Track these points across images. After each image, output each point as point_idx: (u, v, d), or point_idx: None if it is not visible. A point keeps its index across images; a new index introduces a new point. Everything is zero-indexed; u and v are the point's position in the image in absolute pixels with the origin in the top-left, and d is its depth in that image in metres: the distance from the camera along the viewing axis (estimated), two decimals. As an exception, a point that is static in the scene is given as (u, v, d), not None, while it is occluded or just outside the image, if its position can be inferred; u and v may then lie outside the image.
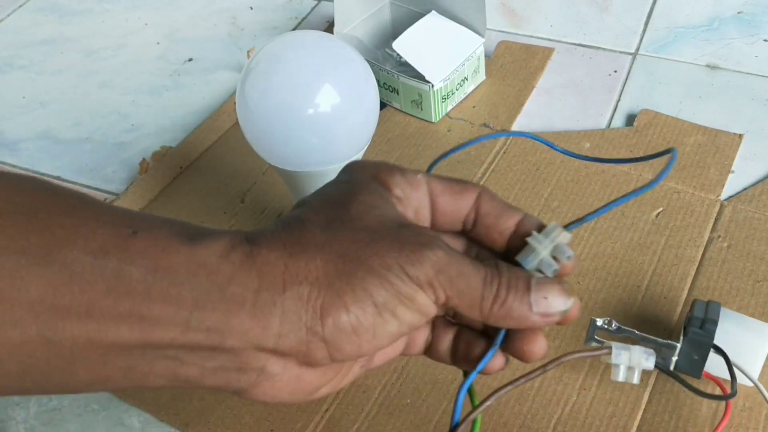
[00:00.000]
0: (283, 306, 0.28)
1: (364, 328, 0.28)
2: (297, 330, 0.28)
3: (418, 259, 0.29)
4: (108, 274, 0.26)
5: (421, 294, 0.29)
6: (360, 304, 0.28)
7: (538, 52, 0.76)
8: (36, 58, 0.85)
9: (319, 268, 0.28)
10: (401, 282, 0.28)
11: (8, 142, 0.75)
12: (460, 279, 0.29)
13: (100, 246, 0.26)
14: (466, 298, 0.30)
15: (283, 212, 0.63)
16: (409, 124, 0.69)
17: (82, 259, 0.26)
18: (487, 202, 0.33)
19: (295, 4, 0.89)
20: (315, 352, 0.28)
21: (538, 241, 0.32)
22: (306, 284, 0.28)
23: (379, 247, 0.29)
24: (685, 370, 0.45)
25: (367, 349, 0.29)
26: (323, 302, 0.28)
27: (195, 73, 0.80)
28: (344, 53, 0.46)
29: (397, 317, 0.29)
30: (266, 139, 0.46)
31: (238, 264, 0.28)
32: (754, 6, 0.79)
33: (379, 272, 0.28)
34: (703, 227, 0.58)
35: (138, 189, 0.65)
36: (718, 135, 0.65)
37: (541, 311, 0.30)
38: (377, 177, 0.33)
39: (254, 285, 0.28)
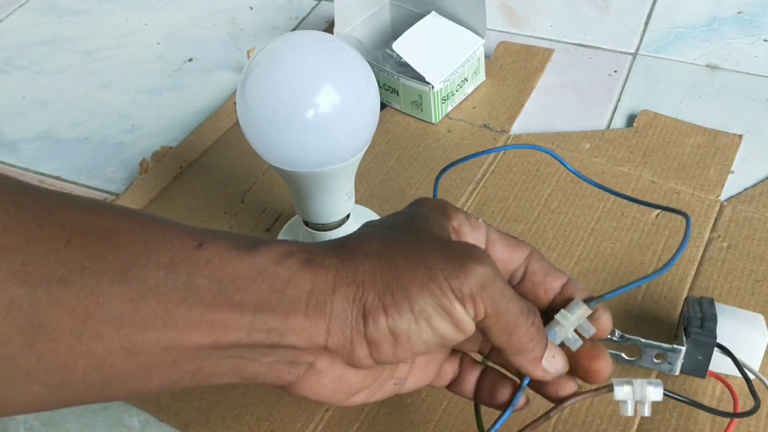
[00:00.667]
0: (332, 306, 0.30)
1: (400, 331, 0.30)
2: (344, 328, 0.30)
3: (464, 273, 0.31)
4: (179, 285, 0.28)
5: (459, 307, 0.31)
6: (398, 308, 0.30)
7: (538, 52, 0.76)
8: (36, 58, 0.85)
9: (366, 272, 0.31)
10: (441, 294, 0.30)
11: (8, 142, 0.75)
12: (502, 299, 0.31)
13: (170, 260, 0.29)
14: (503, 320, 0.32)
15: (284, 212, 0.63)
16: (409, 125, 0.69)
17: (155, 274, 0.28)
18: (536, 261, 0.36)
19: (295, 4, 0.89)
20: (357, 350, 0.31)
21: (565, 318, 0.35)
22: (353, 286, 0.31)
23: (427, 258, 0.31)
24: (690, 371, 0.45)
25: (403, 354, 0.31)
26: (366, 304, 0.30)
27: (195, 73, 0.80)
28: (344, 53, 0.46)
29: (432, 326, 0.31)
30: (266, 139, 0.46)
31: (294, 269, 0.30)
32: (754, 6, 0.79)
33: (422, 281, 0.30)
34: (703, 227, 0.58)
35: (138, 189, 0.65)
36: (717, 135, 0.65)
37: (546, 366, 0.34)
38: (441, 208, 0.35)
39: (308, 287, 0.30)
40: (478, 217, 0.36)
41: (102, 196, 0.68)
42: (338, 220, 0.53)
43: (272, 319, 0.30)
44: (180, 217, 0.63)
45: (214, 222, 0.62)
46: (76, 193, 0.68)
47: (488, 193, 0.62)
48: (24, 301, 0.26)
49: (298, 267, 0.30)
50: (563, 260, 0.56)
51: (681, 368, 0.45)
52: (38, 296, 0.26)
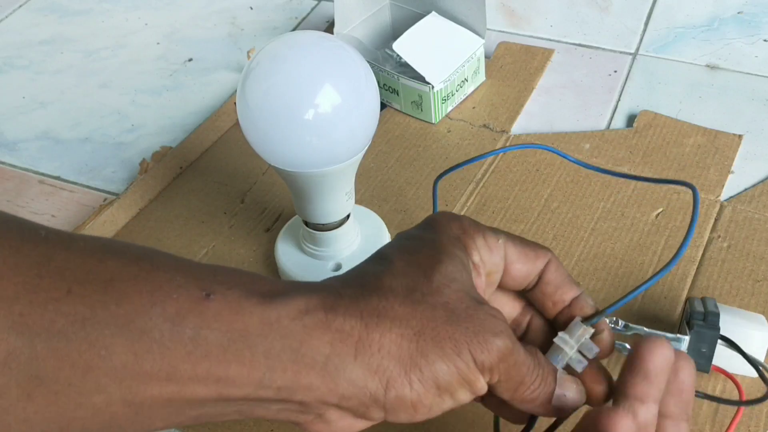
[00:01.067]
0: (352, 373, 0.29)
1: (423, 405, 0.30)
2: (361, 396, 0.30)
3: (488, 347, 0.31)
4: (186, 339, 0.27)
5: (482, 379, 0.31)
6: (424, 384, 0.30)
7: (538, 52, 0.76)
8: (36, 58, 0.85)
9: (393, 343, 0.30)
10: (467, 367, 0.30)
11: (8, 142, 0.75)
12: (515, 368, 0.32)
13: (177, 311, 0.28)
14: (511, 383, 0.32)
15: (284, 212, 0.63)
16: (409, 125, 0.69)
17: (160, 326, 0.27)
18: (552, 272, 0.36)
19: (295, 4, 0.89)
20: (372, 414, 0.30)
21: (565, 341, 0.35)
22: (378, 356, 0.29)
23: (454, 330, 0.31)
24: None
25: (420, 419, 0.31)
26: (390, 376, 0.30)
27: (195, 73, 0.80)
28: (344, 53, 0.46)
29: (454, 398, 0.31)
30: (266, 139, 0.46)
31: (311, 327, 0.29)
32: (754, 6, 0.79)
33: (450, 357, 0.30)
34: (703, 227, 0.58)
35: (138, 189, 0.65)
36: (717, 135, 0.65)
37: (558, 405, 0.34)
38: (461, 239, 0.34)
39: (326, 350, 0.29)
40: (498, 234, 0.35)
41: (102, 196, 0.68)
42: (338, 220, 0.53)
43: (282, 377, 0.29)
44: (180, 217, 0.63)
45: (214, 222, 0.62)
46: (77, 193, 0.68)
47: (488, 193, 0.62)
48: (22, 353, 0.25)
49: (316, 326, 0.29)
50: (563, 260, 0.56)
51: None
52: (37, 349, 0.26)
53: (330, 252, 0.54)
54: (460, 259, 0.34)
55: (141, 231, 0.62)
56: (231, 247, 0.60)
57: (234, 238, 0.61)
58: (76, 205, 0.67)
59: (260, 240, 0.61)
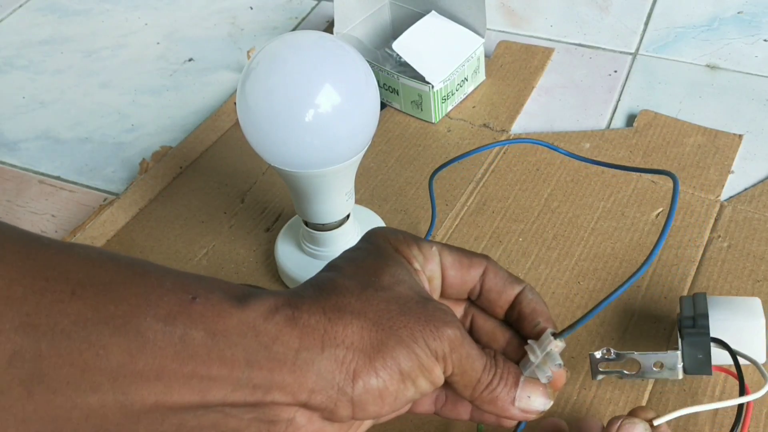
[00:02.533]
0: (320, 365, 0.31)
1: (389, 392, 0.32)
2: (329, 388, 0.31)
3: (439, 335, 0.33)
4: (175, 339, 0.29)
5: (438, 367, 0.33)
6: (389, 371, 0.32)
7: (538, 52, 0.76)
8: (36, 58, 0.85)
9: (355, 334, 0.32)
10: (424, 355, 0.32)
11: (8, 142, 0.75)
12: (467, 360, 0.34)
13: (168, 313, 0.29)
14: (467, 378, 0.34)
15: (284, 212, 0.63)
16: (408, 125, 0.69)
17: (153, 326, 0.29)
18: (491, 278, 0.37)
19: (295, 4, 0.89)
20: (340, 410, 0.32)
21: (532, 351, 0.36)
22: (342, 347, 0.31)
23: (407, 320, 0.33)
24: (695, 371, 0.45)
25: (386, 411, 0.33)
26: (356, 366, 0.31)
27: (195, 73, 0.80)
28: (344, 53, 0.46)
29: (415, 385, 0.33)
30: (266, 139, 0.46)
31: (281, 324, 0.31)
32: (754, 6, 0.79)
33: (407, 343, 0.32)
34: (703, 227, 0.58)
35: (138, 189, 0.65)
36: (718, 135, 0.65)
37: (522, 407, 0.35)
38: (398, 250, 0.37)
39: (295, 345, 0.31)
40: (431, 243, 0.37)
41: (102, 196, 0.68)
42: (338, 220, 0.53)
43: (258, 375, 0.30)
44: (180, 217, 0.63)
45: (214, 222, 0.62)
46: (77, 193, 0.68)
47: (488, 192, 0.62)
48: (27, 352, 0.27)
49: (285, 323, 0.31)
50: (563, 260, 0.56)
51: (685, 370, 0.45)
52: (41, 348, 0.27)
53: (330, 252, 0.54)
54: (403, 264, 0.36)
55: (141, 231, 0.62)
56: (231, 247, 0.60)
57: (234, 238, 0.61)
58: (76, 205, 0.67)
59: (260, 240, 0.61)
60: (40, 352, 0.27)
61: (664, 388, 0.48)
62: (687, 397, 0.48)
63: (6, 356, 0.26)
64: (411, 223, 0.60)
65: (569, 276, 0.55)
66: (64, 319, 0.27)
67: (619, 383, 0.49)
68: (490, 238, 0.59)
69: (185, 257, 0.60)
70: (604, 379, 0.49)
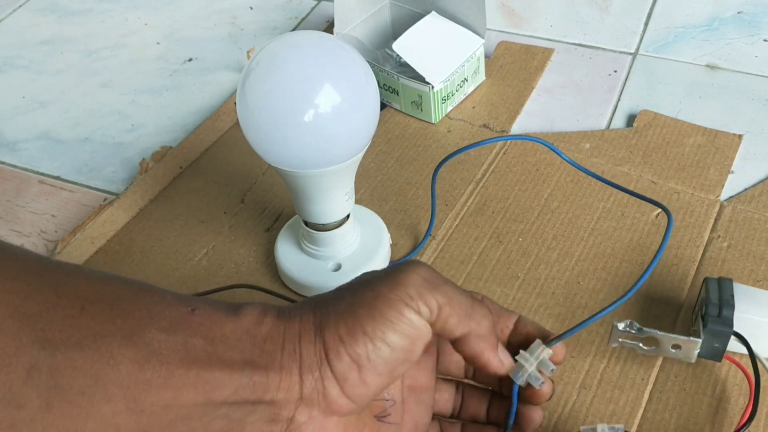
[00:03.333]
0: (301, 352, 0.32)
1: (359, 355, 0.32)
2: (312, 371, 0.32)
3: (404, 279, 0.33)
4: (179, 347, 0.31)
5: (409, 312, 0.33)
6: (352, 333, 0.32)
7: (538, 52, 0.76)
8: (36, 58, 0.85)
9: (324, 314, 0.33)
10: (387, 307, 0.33)
11: (8, 142, 0.75)
12: (449, 288, 0.34)
13: (170, 324, 0.31)
14: (459, 308, 0.34)
15: (284, 212, 0.63)
16: (408, 125, 0.69)
17: (158, 337, 0.31)
18: (522, 329, 0.38)
19: (295, 4, 0.89)
20: (329, 390, 0.32)
21: (525, 359, 0.37)
22: (312, 329, 0.33)
23: (373, 284, 0.34)
24: (707, 356, 0.46)
25: (370, 379, 0.33)
26: (325, 340, 0.33)
27: (195, 73, 0.80)
28: (344, 54, 0.46)
29: (387, 343, 0.33)
30: (266, 139, 0.46)
31: (270, 326, 0.33)
32: (754, 6, 0.79)
33: (369, 303, 0.33)
34: (703, 227, 0.58)
35: (138, 189, 0.65)
36: (717, 135, 0.65)
37: (501, 357, 0.37)
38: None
39: (281, 340, 0.33)
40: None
41: (102, 196, 0.68)
42: (338, 220, 0.53)
43: (256, 374, 0.32)
44: (180, 217, 0.63)
45: (214, 222, 0.62)
46: (77, 193, 0.68)
47: (488, 193, 0.62)
48: (44, 365, 0.28)
49: (272, 324, 0.33)
50: (563, 260, 0.56)
51: (698, 354, 0.46)
52: (56, 360, 0.28)
53: (330, 252, 0.54)
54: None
55: (141, 231, 0.62)
56: (231, 247, 0.60)
57: (234, 238, 0.61)
58: (76, 205, 0.67)
59: (260, 240, 0.61)
60: (56, 364, 0.28)
61: (665, 386, 0.48)
62: (687, 396, 0.48)
63: (24, 369, 0.28)
64: (411, 223, 0.60)
65: (569, 276, 0.55)
66: (76, 332, 0.29)
67: (618, 383, 0.49)
68: (490, 238, 0.59)
69: (185, 257, 0.60)
70: (604, 379, 0.49)
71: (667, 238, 0.39)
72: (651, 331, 0.46)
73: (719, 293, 0.46)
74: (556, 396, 0.48)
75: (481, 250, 0.58)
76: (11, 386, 0.27)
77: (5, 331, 0.28)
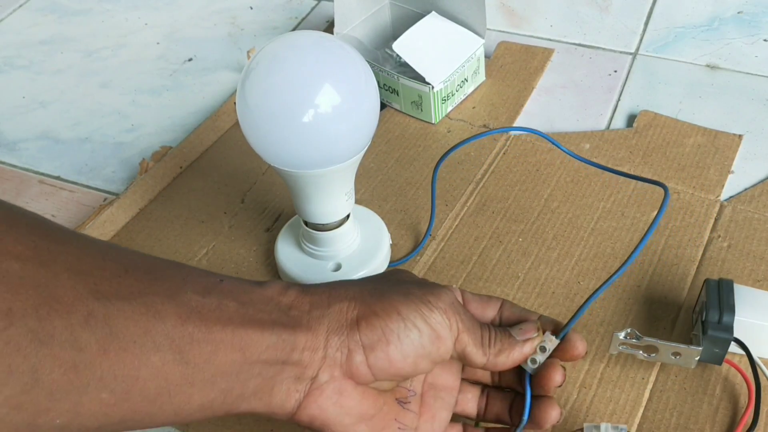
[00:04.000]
0: (329, 318, 0.36)
1: (390, 330, 0.36)
2: (340, 335, 0.36)
3: (437, 293, 0.38)
4: (214, 307, 0.34)
5: (438, 314, 0.37)
6: (387, 311, 0.36)
7: (538, 52, 0.76)
8: (36, 58, 0.85)
9: (356, 291, 0.37)
10: (422, 303, 0.37)
11: (8, 142, 0.75)
12: (467, 317, 0.38)
13: (204, 288, 0.34)
14: (472, 335, 0.38)
15: (284, 212, 0.63)
16: (408, 125, 0.69)
17: (195, 298, 0.34)
18: (508, 310, 0.41)
19: (295, 4, 0.89)
20: (355, 356, 0.36)
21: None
22: (345, 300, 0.37)
23: (406, 286, 0.38)
24: (707, 360, 0.46)
25: (396, 359, 0.36)
26: (358, 312, 0.36)
27: (195, 73, 0.80)
28: (344, 54, 0.46)
29: (417, 328, 0.36)
30: (266, 139, 0.46)
31: (293, 296, 0.37)
32: (754, 6, 0.79)
33: (404, 297, 0.37)
34: (703, 227, 0.58)
35: (138, 189, 0.65)
36: (717, 135, 0.65)
37: (522, 337, 0.39)
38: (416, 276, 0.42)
39: (307, 307, 0.36)
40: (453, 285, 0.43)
41: (102, 196, 0.68)
42: (338, 221, 0.53)
43: (284, 333, 0.35)
44: (180, 217, 0.63)
45: (214, 222, 0.62)
46: (77, 193, 0.68)
47: (488, 193, 0.62)
48: (99, 313, 0.30)
49: (297, 295, 0.37)
50: (563, 260, 0.56)
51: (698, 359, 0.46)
52: (109, 310, 0.31)
53: (330, 252, 0.54)
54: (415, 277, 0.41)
55: (141, 231, 0.62)
56: (231, 247, 0.60)
57: (234, 238, 0.61)
58: (76, 205, 0.67)
59: (260, 240, 0.61)
60: (109, 313, 0.31)
61: (665, 386, 0.48)
62: (687, 396, 0.48)
63: (83, 316, 0.30)
64: (411, 223, 0.60)
65: (569, 276, 0.55)
66: (124, 288, 0.32)
67: (619, 383, 0.49)
68: (490, 238, 0.59)
69: (185, 257, 0.60)
70: (604, 378, 0.49)
71: (662, 210, 0.40)
72: (651, 339, 0.46)
73: (719, 297, 0.46)
74: (555, 395, 0.48)
75: (481, 250, 0.58)
76: (72, 330, 0.29)
77: (63, 283, 0.30)
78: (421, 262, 0.57)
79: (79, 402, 0.30)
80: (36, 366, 0.28)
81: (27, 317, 0.28)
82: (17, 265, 0.29)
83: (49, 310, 0.29)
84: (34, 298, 0.29)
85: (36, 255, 0.30)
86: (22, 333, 0.28)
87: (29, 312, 0.29)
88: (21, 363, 0.28)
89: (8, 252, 0.29)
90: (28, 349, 0.28)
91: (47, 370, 0.29)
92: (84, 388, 0.30)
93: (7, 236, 0.30)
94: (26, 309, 0.28)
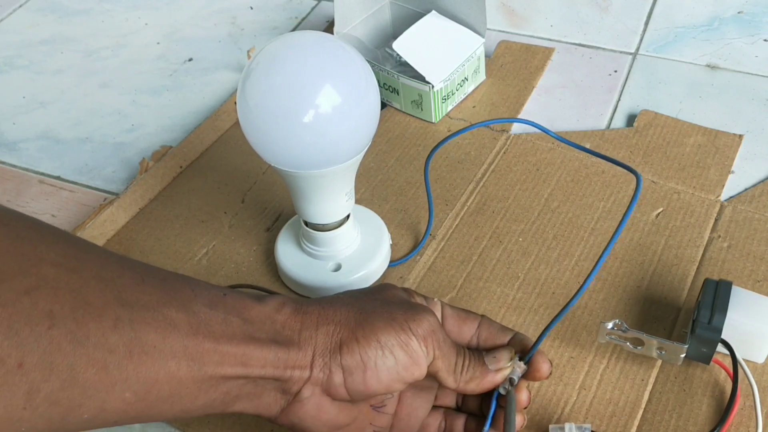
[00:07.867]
0: (316, 339, 0.38)
1: (368, 357, 0.38)
2: (324, 356, 0.38)
3: (418, 319, 0.39)
4: (220, 321, 0.36)
5: (416, 342, 0.38)
6: (368, 339, 0.38)
7: (538, 52, 0.76)
8: (36, 58, 0.85)
9: (343, 314, 0.39)
10: (402, 330, 0.38)
11: (8, 142, 0.75)
12: (445, 344, 0.40)
13: (210, 301, 0.37)
14: (446, 361, 0.40)
15: (284, 212, 0.63)
16: (409, 125, 0.69)
17: (204, 310, 0.36)
18: (485, 330, 0.43)
19: (295, 4, 0.89)
20: (335, 377, 0.38)
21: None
22: (332, 324, 0.39)
23: (391, 308, 0.40)
24: (695, 358, 0.47)
25: (371, 384, 0.38)
26: (342, 336, 0.38)
27: (195, 73, 0.80)
28: (344, 53, 0.46)
29: (394, 355, 0.38)
30: (266, 139, 0.46)
31: (287, 315, 0.39)
32: (754, 6, 0.79)
33: (387, 322, 0.39)
34: (703, 227, 0.58)
35: (138, 189, 0.65)
36: (718, 135, 0.65)
37: (495, 367, 0.41)
38: (404, 290, 0.43)
39: (298, 327, 0.38)
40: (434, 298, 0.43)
41: (102, 195, 0.68)
42: (338, 221, 0.53)
43: (280, 351, 0.37)
44: (180, 216, 0.63)
45: (214, 222, 0.62)
46: (77, 193, 0.68)
47: (488, 193, 0.62)
48: (125, 318, 0.33)
49: (290, 314, 0.39)
50: (563, 260, 0.56)
51: (686, 355, 0.46)
52: (134, 316, 0.33)
53: (330, 252, 0.54)
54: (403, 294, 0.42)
55: (141, 231, 0.62)
56: (231, 246, 0.60)
57: (234, 237, 0.61)
58: (76, 205, 0.67)
59: (260, 239, 0.61)
60: (134, 320, 0.33)
61: (665, 387, 0.48)
62: (687, 397, 0.48)
63: (111, 321, 0.32)
64: (411, 223, 0.60)
65: (569, 276, 0.55)
66: (144, 297, 0.34)
67: (618, 384, 0.49)
68: (490, 238, 0.59)
69: (185, 257, 0.60)
70: (604, 379, 0.49)
71: (636, 196, 0.41)
72: (637, 332, 0.47)
73: (714, 297, 0.46)
74: (555, 397, 0.48)
75: (481, 250, 0.58)
76: (104, 333, 0.32)
77: (92, 289, 0.32)
78: (421, 261, 0.57)
79: (106, 400, 0.32)
80: (73, 364, 0.31)
81: (66, 319, 0.31)
82: (53, 271, 0.31)
83: (83, 313, 0.31)
84: (71, 301, 0.31)
85: (66, 262, 0.32)
86: (62, 333, 0.30)
87: (68, 314, 0.31)
88: (61, 361, 0.30)
89: (43, 258, 0.32)
90: (68, 348, 0.30)
91: (83, 368, 0.31)
92: (111, 387, 0.32)
93: (41, 244, 0.32)
94: (65, 311, 0.31)
